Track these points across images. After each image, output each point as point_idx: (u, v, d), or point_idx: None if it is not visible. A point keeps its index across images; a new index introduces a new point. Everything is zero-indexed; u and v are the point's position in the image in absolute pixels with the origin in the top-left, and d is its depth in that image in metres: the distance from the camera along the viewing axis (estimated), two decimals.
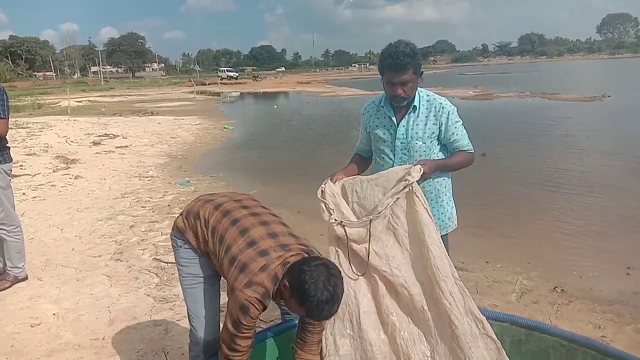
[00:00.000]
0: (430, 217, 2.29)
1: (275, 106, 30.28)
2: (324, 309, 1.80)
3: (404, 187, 2.27)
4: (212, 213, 2.14)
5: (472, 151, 2.58)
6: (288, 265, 1.89)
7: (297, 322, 2.24)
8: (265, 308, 1.92)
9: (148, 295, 3.88)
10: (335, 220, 2.32)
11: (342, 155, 4.26)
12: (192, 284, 2.24)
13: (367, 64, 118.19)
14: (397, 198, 2.29)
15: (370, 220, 2.29)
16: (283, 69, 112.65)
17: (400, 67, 2.38)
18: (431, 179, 2.51)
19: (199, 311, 2.23)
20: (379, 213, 2.29)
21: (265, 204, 2.32)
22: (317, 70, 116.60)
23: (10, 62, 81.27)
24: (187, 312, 2.30)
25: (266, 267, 1.89)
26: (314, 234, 5.41)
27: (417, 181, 2.29)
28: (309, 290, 1.77)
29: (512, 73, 56.19)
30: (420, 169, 2.31)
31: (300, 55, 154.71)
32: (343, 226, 2.32)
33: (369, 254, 2.31)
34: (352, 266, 2.37)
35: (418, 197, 2.28)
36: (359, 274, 2.36)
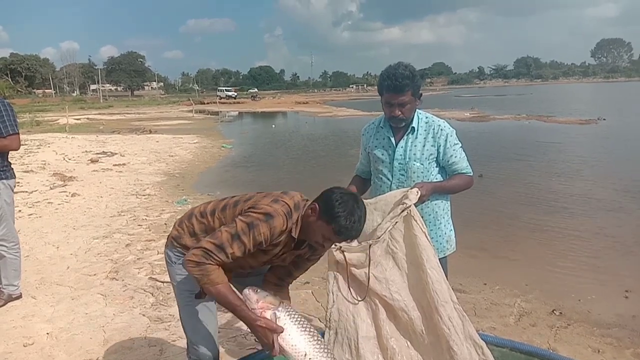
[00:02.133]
0: (429, 240, 2.29)
1: (274, 126, 30.43)
2: (353, 224, 1.88)
3: (402, 211, 2.27)
4: (207, 204, 2.18)
5: (471, 174, 2.59)
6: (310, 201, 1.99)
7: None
8: (280, 233, 1.92)
9: (143, 315, 3.84)
10: (335, 245, 2.32)
11: (340, 174, 4.29)
12: (190, 301, 2.19)
13: (365, 85, 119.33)
14: (396, 222, 2.29)
15: (370, 245, 2.29)
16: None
17: (398, 89, 2.41)
18: (429, 202, 2.51)
19: (199, 327, 2.19)
20: (378, 238, 2.29)
21: None
22: (315, 90, 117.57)
23: (10, 80, 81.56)
24: (185, 330, 2.26)
25: (289, 194, 2.00)
26: None
27: (415, 204, 2.29)
28: (341, 207, 1.87)
29: (508, 95, 56.77)
30: (417, 192, 2.31)
31: (298, 76, 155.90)
32: (342, 251, 2.32)
33: (369, 279, 2.29)
34: (352, 291, 2.36)
35: (416, 221, 2.28)
36: (358, 298, 2.35)
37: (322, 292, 4.26)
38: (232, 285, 2.01)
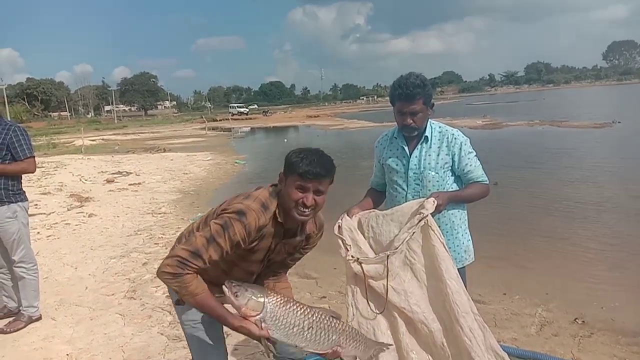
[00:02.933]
0: (447, 251, 2.27)
1: (286, 140, 30.57)
2: (314, 161, 1.89)
3: (419, 221, 2.26)
4: (193, 224, 2.18)
5: (487, 182, 2.57)
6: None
7: None
8: (260, 228, 1.89)
9: (161, 334, 3.85)
10: (352, 257, 2.31)
11: (353, 187, 4.28)
12: (195, 330, 2.11)
13: (375, 97, 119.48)
14: (413, 232, 2.27)
15: (387, 256, 2.28)
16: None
17: (409, 97, 2.43)
18: (445, 211, 2.49)
19: (209, 355, 2.12)
20: (396, 249, 2.28)
21: None
22: (326, 104, 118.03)
23: (27, 104, 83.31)
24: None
25: (262, 187, 2.01)
26: (326, 267, 5.39)
27: (431, 213, 2.28)
28: (296, 154, 1.92)
29: (519, 102, 56.43)
30: (433, 201, 2.30)
31: (309, 90, 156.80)
32: (360, 263, 2.30)
33: (387, 291, 2.28)
34: (371, 304, 2.34)
35: (434, 231, 2.27)
36: (377, 311, 2.33)
37: (339, 306, 4.23)
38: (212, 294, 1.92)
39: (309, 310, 1.91)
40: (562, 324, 3.91)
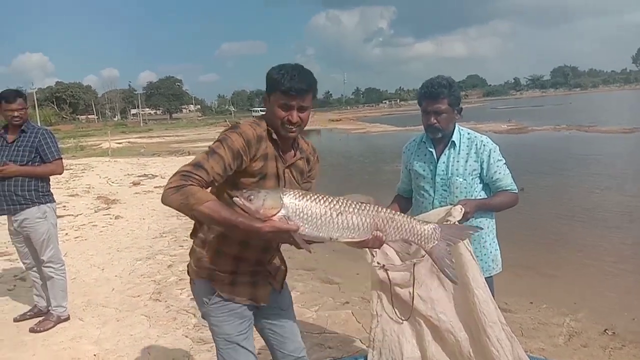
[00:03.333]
0: (474, 259, 2.24)
1: None
2: (294, 76, 1.84)
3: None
4: None
5: (516, 191, 2.54)
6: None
7: None
8: (259, 138, 1.87)
9: (186, 337, 3.89)
10: (378, 263, 2.30)
11: (376, 192, 4.25)
12: (228, 346, 2.03)
13: (398, 100, 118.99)
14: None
15: (414, 264, 2.26)
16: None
17: (434, 96, 2.45)
18: (473, 219, 2.46)
19: None
20: (422, 256, 2.26)
21: None
22: (348, 107, 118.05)
23: (56, 107, 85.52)
24: None
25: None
26: (349, 273, 5.38)
27: (458, 221, 2.25)
28: (276, 71, 1.88)
29: (545, 106, 55.48)
30: (461, 208, 2.27)
31: (331, 94, 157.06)
32: (386, 270, 2.29)
33: (413, 298, 2.26)
34: (396, 310, 2.33)
35: (462, 242, 2.24)
36: (403, 318, 2.31)
37: (363, 313, 4.22)
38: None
39: (332, 197, 1.75)
40: (592, 335, 3.82)
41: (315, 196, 1.73)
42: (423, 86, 2.52)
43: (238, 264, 1.98)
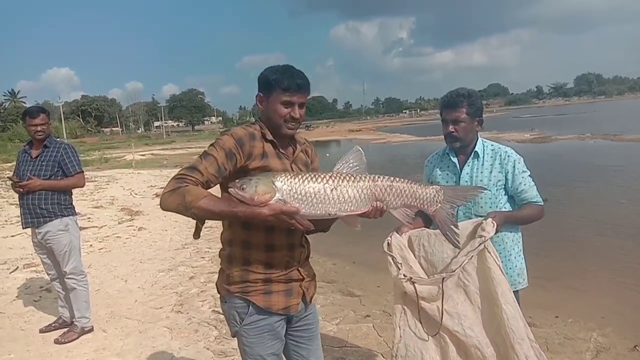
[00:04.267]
0: (503, 274, 2.19)
1: (328, 154, 30.61)
2: (292, 74, 1.92)
3: (480, 244, 2.19)
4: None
5: (542, 203, 2.49)
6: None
7: None
8: (249, 137, 1.91)
9: (207, 349, 3.90)
10: (404, 276, 2.26)
11: None
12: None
13: (418, 110, 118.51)
14: (472, 256, 2.21)
15: (443, 279, 2.22)
16: None
17: (452, 105, 2.47)
18: (500, 232, 2.43)
19: None
20: (453, 271, 2.22)
21: (318, 252, 2.28)
22: (368, 117, 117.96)
23: (81, 120, 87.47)
24: None
25: None
26: (370, 286, 5.34)
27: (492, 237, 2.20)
28: (272, 71, 1.94)
29: (569, 114, 54.57)
30: (493, 222, 2.22)
31: (351, 104, 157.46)
32: (413, 283, 2.26)
33: (442, 315, 2.22)
34: (423, 325, 2.29)
35: (490, 253, 2.20)
36: (430, 334, 2.28)
37: (384, 326, 4.18)
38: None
39: (325, 173, 1.76)
40: (620, 351, 3.71)
41: (307, 175, 1.74)
42: (444, 96, 2.56)
43: (269, 271, 1.97)
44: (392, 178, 1.83)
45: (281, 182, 1.69)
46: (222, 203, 1.73)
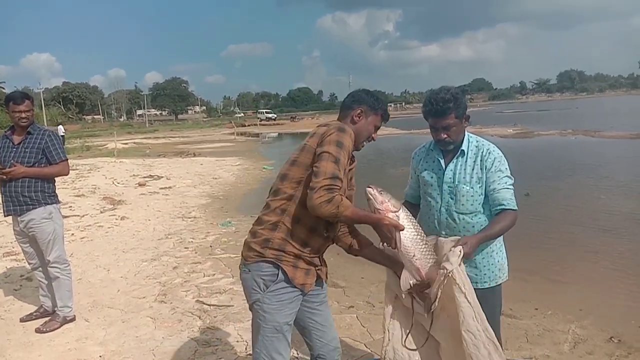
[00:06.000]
0: (469, 301, 2.17)
1: None
2: (388, 111, 2.44)
3: (444, 278, 2.18)
4: (267, 199, 2.29)
5: (515, 208, 2.44)
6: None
7: None
8: (355, 140, 2.23)
9: (191, 339, 3.89)
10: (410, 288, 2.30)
11: None
12: (275, 334, 2.17)
13: (403, 103, 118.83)
14: (439, 290, 2.21)
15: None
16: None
17: (440, 113, 2.40)
18: (480, 226, 2.45)
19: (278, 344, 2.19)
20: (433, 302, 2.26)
21: None
22: None
23: (62, 107, 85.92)
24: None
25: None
26: (353, 277, 5.39)
27: (462, 261, 2.21)
28: (378, 98, 2.38)
29: (551, 110, 55.30)
30: (460, 251, 2.20)
31: (336, 96, 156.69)
32: (413, 296, 2.32)
33: (430, 326, 2.28)
34: (411, 334, 2.36)
35: (457, 284, 2.17)
36: (417, 345, 2.36)
37: (367, 317, 4.23)
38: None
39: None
40: (597, 342, 3.80)
41: (419, 229, 2.24)
42: (427, 103, 2.45)
43: (303, 249, 2.17)
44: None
45: (404, 211, 2.19)
46: (360, 212, 2.12)
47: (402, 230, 2.12)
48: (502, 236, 2.55)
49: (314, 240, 2.20)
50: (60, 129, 31.16)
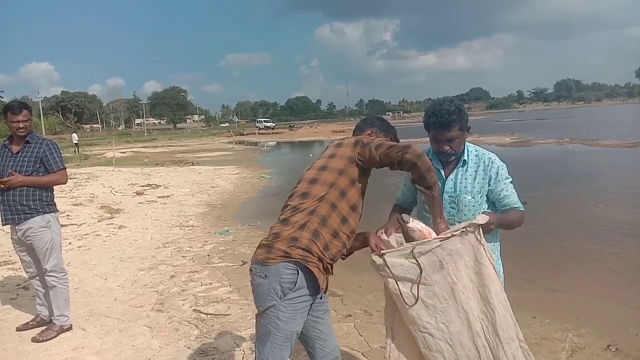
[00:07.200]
0: (497, 272, 2.17)
1: (311, 154, 30.61)
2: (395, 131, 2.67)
3: (465, 227, 2.16)
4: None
5: (523, 210, 2.49)
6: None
7: None
8: None
9: (188, 348, 3.88)
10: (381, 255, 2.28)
11: (379, 203, 4.26)
12: (285, 342, 2.17)
13: (401, 112, 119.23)
14: (461, 231, 2.17)
15: (412, 249, 2.19)
16: None
17: (445, 126, 2.38)
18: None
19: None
20: (426, 243, 2.19)
21: None
22: (352, 119, 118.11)
23: (61, 116, 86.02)
24: None
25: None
26: (351, 286, 5.38)
27: (483, 232, 2.20)
28: (387, 123, 2.67)
29: (549, 119, 55.47)
30: (486, 216, 2.21)
31: (334, 105, 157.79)
32: (382, 256, 2.26)
33: (417, 298, 2.20)
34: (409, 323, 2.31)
35: (485, 250, 2.17)
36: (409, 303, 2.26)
37: (364, 326, 4.22)
38: None
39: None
40: (595, 351, 3.80)
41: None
42: (431, 114, 2.42)
43: (325, 252, 2.18)
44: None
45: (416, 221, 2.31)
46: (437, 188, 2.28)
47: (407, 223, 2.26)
48: (498, 248, 2.57)
49: (334, 245, 2.22)
50: (75, 137, 36.80)
